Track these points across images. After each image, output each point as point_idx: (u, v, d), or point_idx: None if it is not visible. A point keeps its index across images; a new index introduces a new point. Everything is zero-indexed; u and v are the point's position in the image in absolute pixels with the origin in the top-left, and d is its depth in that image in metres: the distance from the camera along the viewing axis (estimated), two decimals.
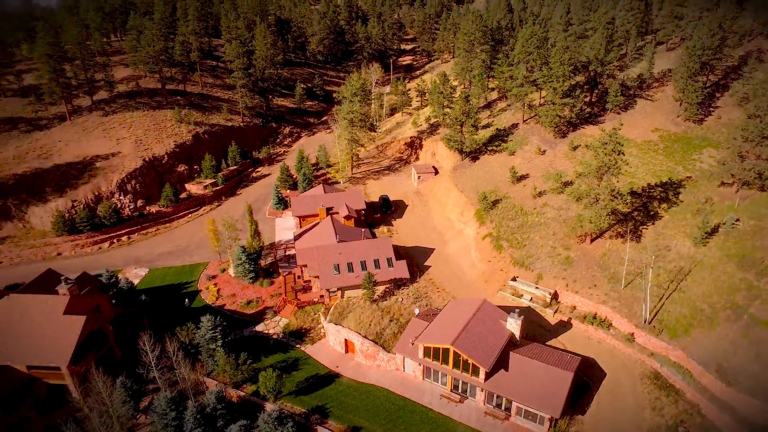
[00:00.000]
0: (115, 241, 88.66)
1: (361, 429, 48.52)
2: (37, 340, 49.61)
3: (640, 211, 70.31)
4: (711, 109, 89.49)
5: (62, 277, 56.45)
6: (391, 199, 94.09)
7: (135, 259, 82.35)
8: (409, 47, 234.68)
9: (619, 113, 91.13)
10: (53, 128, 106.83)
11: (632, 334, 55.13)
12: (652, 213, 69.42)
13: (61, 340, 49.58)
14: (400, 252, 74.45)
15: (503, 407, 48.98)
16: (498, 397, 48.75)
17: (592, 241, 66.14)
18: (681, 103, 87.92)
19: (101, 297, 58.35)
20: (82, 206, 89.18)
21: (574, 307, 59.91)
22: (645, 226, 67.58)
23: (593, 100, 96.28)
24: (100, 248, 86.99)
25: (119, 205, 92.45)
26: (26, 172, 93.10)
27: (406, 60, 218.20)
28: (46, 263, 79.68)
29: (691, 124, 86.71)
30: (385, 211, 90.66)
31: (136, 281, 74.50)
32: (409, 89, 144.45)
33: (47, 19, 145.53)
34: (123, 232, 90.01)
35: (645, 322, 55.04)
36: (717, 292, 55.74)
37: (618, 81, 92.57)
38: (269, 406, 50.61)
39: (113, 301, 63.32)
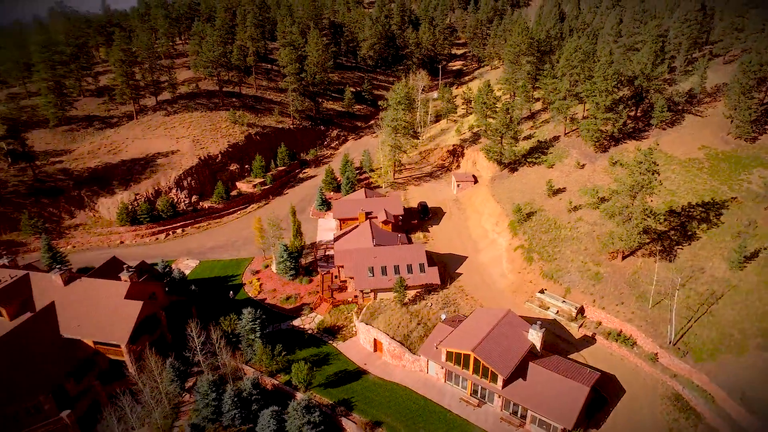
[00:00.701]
0: (170, 233, 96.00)
1: (383, 424, 51.79)
2: (102, 320, 55.84)
3: (677, 230, 69.62)
4: (767, 126, 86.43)
5: (124, 265, 62.86)
6: (430, 205, 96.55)
7: (187, 250, 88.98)
8: (460, 52, 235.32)
9: (664, 129, 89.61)
10: (122, 126, 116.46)
11: (656, 354, 55.43)
12: (689, 233, 68.57)
13: (122, 321, 55.56)
14: (434, 258, 76.91)
15: (519, 414, 50.92)
16: (514, 404, 50.74)
17: (623, 258, 66.33)
18: (732, 120, 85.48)
19: (156, 285, 64.33)
20: (143, 199, 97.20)
21: (600, 323, 60.67)
22: (680, 246, 66.95)
23: (638, 114, 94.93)
24: (157, 239, 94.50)
25: (176, 200, 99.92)
26: (98, 166, 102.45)
27: (456, 65, 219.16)
28: (110, 250, 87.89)
29: (743, 142, 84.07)
30: (422, 217, 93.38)
31: (187, 272, 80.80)
32: (456, 96, 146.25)
33: (122, 26, 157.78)
34: (178, 225, 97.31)
35: (670, 343, 55.20)
36: (749, 318, 55.02)
37: (665, 96, 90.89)
38: (299, 396, 54.73)
39: (166, 289, 69.32)
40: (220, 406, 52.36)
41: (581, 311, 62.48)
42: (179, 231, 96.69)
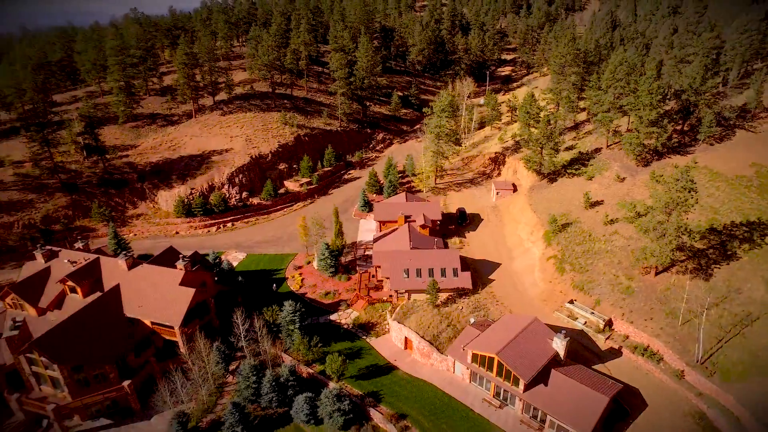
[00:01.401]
0: (221, 226, 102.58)
1: (407, 416, 55.01)
2: (159, 303, 61.81)
3: (716, 249, 68.81)
4: None
5: (180, 255, 68.91)
6: (468, 212, 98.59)
7: (236, 243, 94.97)
8: (509, 57, 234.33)
9: (712, 144, 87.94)
10: (182, 124, 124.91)
11: (682, 372, 55.78)
12: (729, 252, 67.69)
13: (176, 306, 61.27)
14: (467, 263, 79.25)
15: (538, 419, 52.83)
16: (534, 408, 52.68)
17: (657, 274, 66.41)
18: None
19: (207, 274, 69.93)
20: (198, 193, 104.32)
21: (627, 337, 61.37)
22: (718, 266, 66.26)
23: (685, 129, 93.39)
24: (209, 231, 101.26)
25: (227, 195, 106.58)
26: (159, 161, 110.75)
27: (506, 71, 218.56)
28: (166, 240, 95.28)
29: None
30: (460, 223, 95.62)
31: (235, 263, 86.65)
32: (501, 103, 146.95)
33: (186, 28, 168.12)
34: (228, 219, 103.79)
35: (697, 361, 55.43)
36: None
37: (714, 110, 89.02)
38: (332, 385, 58.74)
39: (216, 279, 75.06)
40: (260, 388, 57.05)
41: (609, 324, 63.35)
42: (229, 225, 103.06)
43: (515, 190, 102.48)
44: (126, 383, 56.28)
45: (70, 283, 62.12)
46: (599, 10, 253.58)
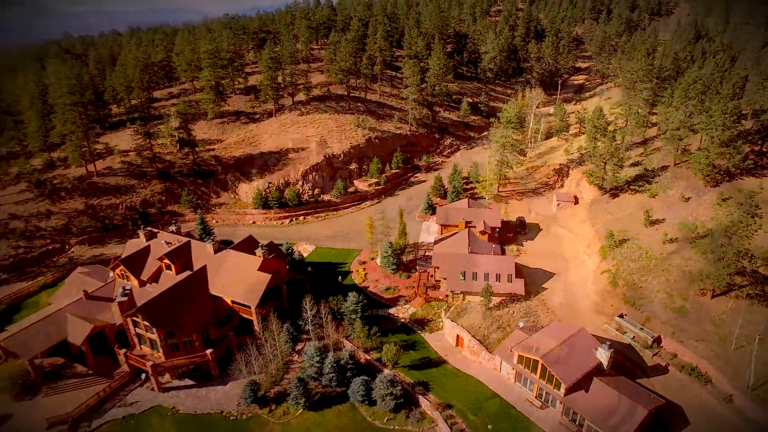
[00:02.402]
0: (294, 219, 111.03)
1: (453, 407, 59.66)
2: (239, 284, 70.00)
3: None
4: None
5: (259, 244, 77.06)
6: (528, 221, 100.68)
7: (306, 236, 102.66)
8: (584, 65, 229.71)
9: None
10: (263, 122, 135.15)
11: (731, 396, 56.11)
12: None
13: (254, 288, 69.20)
14: (522, 270, 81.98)
15: (577, 423, 55.56)
16: (574, 413, 55.50)
17: (714, 296, 66.27)
18: None
19: (281, 262, 77.61)
20: (274, 188, 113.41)
21: (675, 355, 62.14)
22: None
23: (764, 150, 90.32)
24: (282, 223, 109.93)
25: (301, 191, 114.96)
26: (241, 156, 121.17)
27: (579, 79, 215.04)
28: (244, 228, 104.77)
29: None
30: (518, 231, 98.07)
31: (305, 254, 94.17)
32: (571, 113, 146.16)
33: (270, 30, 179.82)
34: (301, 213, 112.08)
35: (748, 387, 55.66)
36: None
37: None
38: (386, 371, 64.39)
39: (288, 267, 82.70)
40: (322, 368, 63.64)
41: (658, 341, 64.33)
42: (301, 218, 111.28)
43: (576, 202, 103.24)
44: (208, 351, 64.82)
45: (166, 261, 71.82)
46: (688, 14, 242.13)
